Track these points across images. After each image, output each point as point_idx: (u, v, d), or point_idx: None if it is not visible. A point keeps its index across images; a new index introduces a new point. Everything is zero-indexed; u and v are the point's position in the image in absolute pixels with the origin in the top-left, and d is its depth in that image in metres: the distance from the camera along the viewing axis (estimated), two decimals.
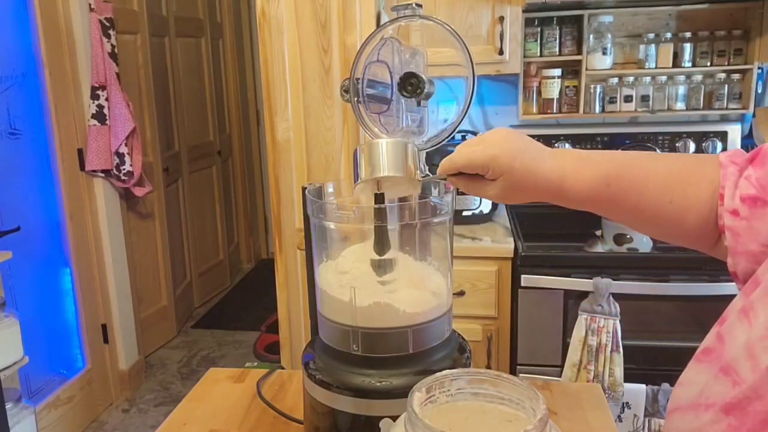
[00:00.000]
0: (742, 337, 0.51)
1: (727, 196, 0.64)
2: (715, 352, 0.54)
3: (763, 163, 0.62)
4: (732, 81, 2.20)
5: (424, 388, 0.58)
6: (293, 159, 1.91)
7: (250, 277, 4.66)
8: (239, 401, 1.07)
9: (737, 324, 0.53)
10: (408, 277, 0.82)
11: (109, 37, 2.65)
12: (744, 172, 0.64)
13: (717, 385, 0.51)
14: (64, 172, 2.58)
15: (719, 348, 0.54)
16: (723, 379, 0.51)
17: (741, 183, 0.63)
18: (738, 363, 0.50)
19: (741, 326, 0.52)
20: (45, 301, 2.57)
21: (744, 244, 0.61)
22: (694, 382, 0.55)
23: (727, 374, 0.51)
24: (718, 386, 0.51)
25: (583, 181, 0.71)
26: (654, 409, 1.80)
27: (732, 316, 0.54)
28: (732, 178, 0.64)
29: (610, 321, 1.78)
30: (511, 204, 0.58)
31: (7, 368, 1.91)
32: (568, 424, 0.98)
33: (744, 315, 0.53)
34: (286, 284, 1.98)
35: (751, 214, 0.61)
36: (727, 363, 0.51)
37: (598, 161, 0.72)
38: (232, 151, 4.57)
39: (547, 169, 0.72)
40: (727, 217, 0.63)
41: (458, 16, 2.09)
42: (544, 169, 0.72)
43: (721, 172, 0.66)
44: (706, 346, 0.56)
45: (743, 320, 0.52)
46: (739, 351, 0.51)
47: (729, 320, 0.55)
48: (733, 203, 0.63)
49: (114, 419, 2.82)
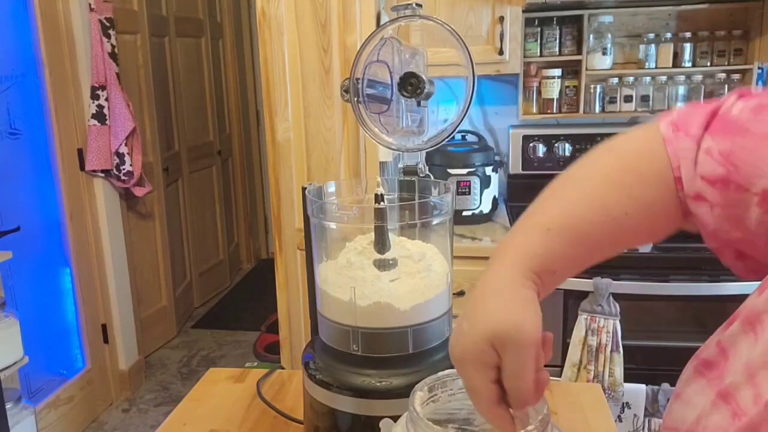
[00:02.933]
0: (745, 354, 0.45)
1: (685, 178, 0.53)
2: (717, 367, 0.48)
3: (727, 133, 0.51)
4: (732, 81, 2.20)
5: (426, 388, 0.58)
6: (293, 159, 1.91)
7: (250, 277, 4.66)
8: (239, 401, 1.07)
9: (741, 336, 0.46)
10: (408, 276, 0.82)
11: (109, 37, 2.65)
12: (702, 144, 0.52)
13: (716, 414, 0.46)
14: (64, 172, 2.58)
15: (721, 362, 0.48)
16: (722, 408, 0.45)
17: (700, 158, 0.52)
18: (738, 389, 0.44)
19: (746, 339, 0.46)
20: (45, 301, 2.57)
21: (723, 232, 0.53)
22: (692, 404, 0.49)
23: (727, 402, 0.45)
24: (717, 416, 0.46)
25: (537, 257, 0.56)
26: (654, 409, 1.80)
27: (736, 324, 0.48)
28: (688, 155, 0.52)
29: (610, 321, 1.78)
30: None
31: (7, 368, 1.90)
32: (568, 424, 0.98)
33: (750, 326, 0.46)
34: (286, 284, 1.99)
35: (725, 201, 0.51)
36: (726, 387, 0.46)
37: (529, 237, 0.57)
38: (232, 151, 4.57)
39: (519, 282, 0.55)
40: (691, 203, 0.53)
41: (458, 16, 2.09)
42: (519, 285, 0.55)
43: (669, 148, 0.54)
44: (709, 358, 0.50)
45: (749, 332, 0.45)
46: (739, 373, 0.45)
47: (732, 328, 0.48)
48: (694, 186, 0.52)
49: (114, 419, 2.82)
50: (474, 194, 2.15)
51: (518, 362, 0.50)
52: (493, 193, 2.21)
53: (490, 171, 2.17)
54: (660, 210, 0.55)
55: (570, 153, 2.35)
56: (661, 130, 0.55)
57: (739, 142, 0.50)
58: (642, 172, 0.55)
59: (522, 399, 0.51)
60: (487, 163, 2.17)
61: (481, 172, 2.15)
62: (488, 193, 2.18)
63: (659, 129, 0.55)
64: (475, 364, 0.52)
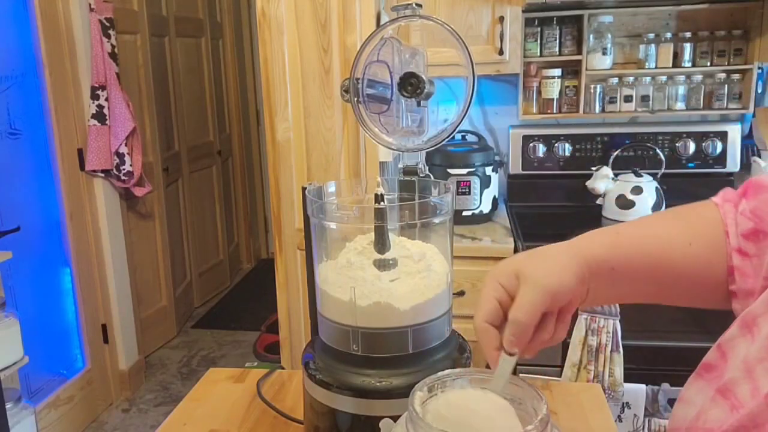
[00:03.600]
0: (742, 353, 0.49)
1: (731, 233, 0.61)
2: (716, 369, 0.52)
3: (756, 193, 0.60)
4: (732, 81, 2.20)
5: (426, 388, 0.58)
6: (293, 159, 1.91)
7: (250, 277, 4.66)
8: (239, 401, 1.07)
9: (739, 338, 0.51)
10: (408, 276, 0.82)
11: (109, 37, 2.65)
12: (738, 207, 0.61)
13: (715, 408, 0.49)
14: (64, 172, 2.58)
15: (720, 365, 0.52)
16: (721, 403, 0.49)
17: (738, 220, 0.61)
18: (737, 385, 0.48)
19: (743, 340, 0.50)
20: (45, 301, 2.57)
21: (752, 283, 0.58)
22: (692, 402, 0.53)
23: (726, 397, 0.48)
24: (716, 410, 0.49)
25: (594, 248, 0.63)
26: (654, 409, 1.80)
27: (734, 327, 0.52)
28: (731, 215, 0.62)
29: (610, 321, 1.78)
30: None
31: (7, 368, 1.90)
32: (568, 424, 0.98)
33: (747, 328, 0.51)
34: (286, 284, 1.99)
35: (758, 250, 0.58)
36: (725, 383, 0.49)
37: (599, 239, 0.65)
38: (232, 151, 4.57)
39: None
40: (736, 257, 0.60)
41: (458, 16, 2.09)
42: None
43: (720, 211, 0.63)
44: (708, 361, 0.54)
45: (746, 334, 0.50)
46: (738, 370, 0.48)
47: (730, 332, 0.53)
48: (737, 241, 0.60)
49: (114, 419, 2.82)
50: (474, 194, 2.15)
51: (527, 298, 0.57)
52: (493, 193, 2.21)
53: (490, 171, 2.18)
54: (708, 265, 0.62)
55: (570, 153, 2.35)
56: (715, 200, 0.64)
57: (762, 198, 0.59)
58: (699, 228, 0.63)
59: (514, 334, 0.57)
60: (487, 163, 2.17)
61: (481, 172, 2.15)
62: (488, 193, 2.18)
63: (712, 199, 0.65)
64: (494, 282, 0.60)
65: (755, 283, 0.58)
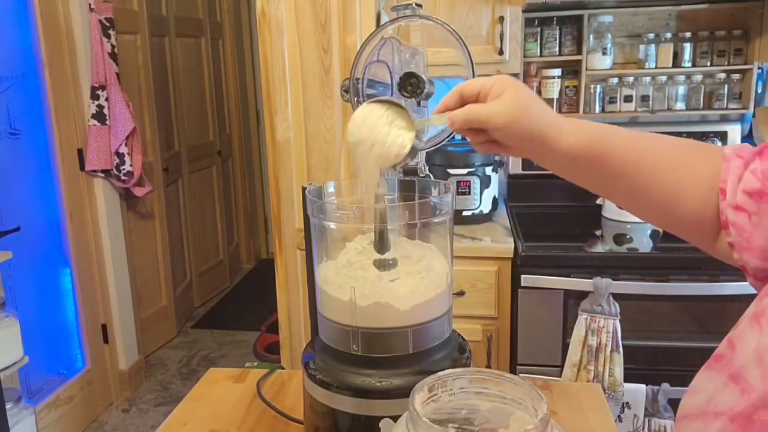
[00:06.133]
0: (753, 344, 0.50)
1: (729, 190, 0.61)
2: (726, 358, 0.53)
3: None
4: (732, 81, 2.20)
5: (426, 388, 0.58)
6: (293, 159, 1.91)
7: (250, 277, 4.66)
8: (239, 401, 1.07)
9: (748, 330, 0.52)
10: (408, 276, 0.82)
11: (109, 37, 2.65)
12: (750, 165, 0.61)
13: (726, 393, 0.51)
14: (64, 172, 2.58)
15: (730, 355, 0.53)
16: (732, 387, 0.50)
17: (746, 176, 0.61)
18: (747, 371, 0.49)
19: (752, 332, 0.51)
20: (45, 301, 2.57)
21: (751, 240, 0.60)
22: (702, 390, 0.54)
23: (737, 382, 0.50)
24: (727, 394, 0.50)
25: (580, 132, 0.71)
26: (654, 409, 1.80)
27: (743, 322, 0.54)
28: (736, 172, 0.62)
29: (610, 321, 1.78)
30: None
31: (7, 368, 1.90)
32: (568, 424, 0.98)
33: (755, 321, 0.52)
34: (286, 284, 1.99)
35: (759, 210, 0.59)
36: (737, 370, 0.51)
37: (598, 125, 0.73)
38: (232, 151, 4.57)
39: (547, 121, 0.73)
40: (730, 212, 0.61)
41: (458, 16, 2.09)
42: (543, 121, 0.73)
43: (724, 165, 0.63)
44: (718, 353, 0.55)
45: (754, 326, 0.52)
46: (749, 358, 0.50)
47: (740, 326, 0.54)
48: (735, 198, 0.61)
49: (114, 419, 2.82)
50: (474, 194, 2.15)
51: (478, 81, 0.71)
52: (493, 193, 2.21)
53: (490, 171, 2.18)
54: (694, 195, 0.65)
55: None
56: (725, 151, 0.65)
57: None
58: (703, 158, 0.65)
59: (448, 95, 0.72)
60: (487, 163, 2.17)
61: (481, 172, 2.15)
62: (488, 193, 2.18)
63: (724, 149, 0.65)
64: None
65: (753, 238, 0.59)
